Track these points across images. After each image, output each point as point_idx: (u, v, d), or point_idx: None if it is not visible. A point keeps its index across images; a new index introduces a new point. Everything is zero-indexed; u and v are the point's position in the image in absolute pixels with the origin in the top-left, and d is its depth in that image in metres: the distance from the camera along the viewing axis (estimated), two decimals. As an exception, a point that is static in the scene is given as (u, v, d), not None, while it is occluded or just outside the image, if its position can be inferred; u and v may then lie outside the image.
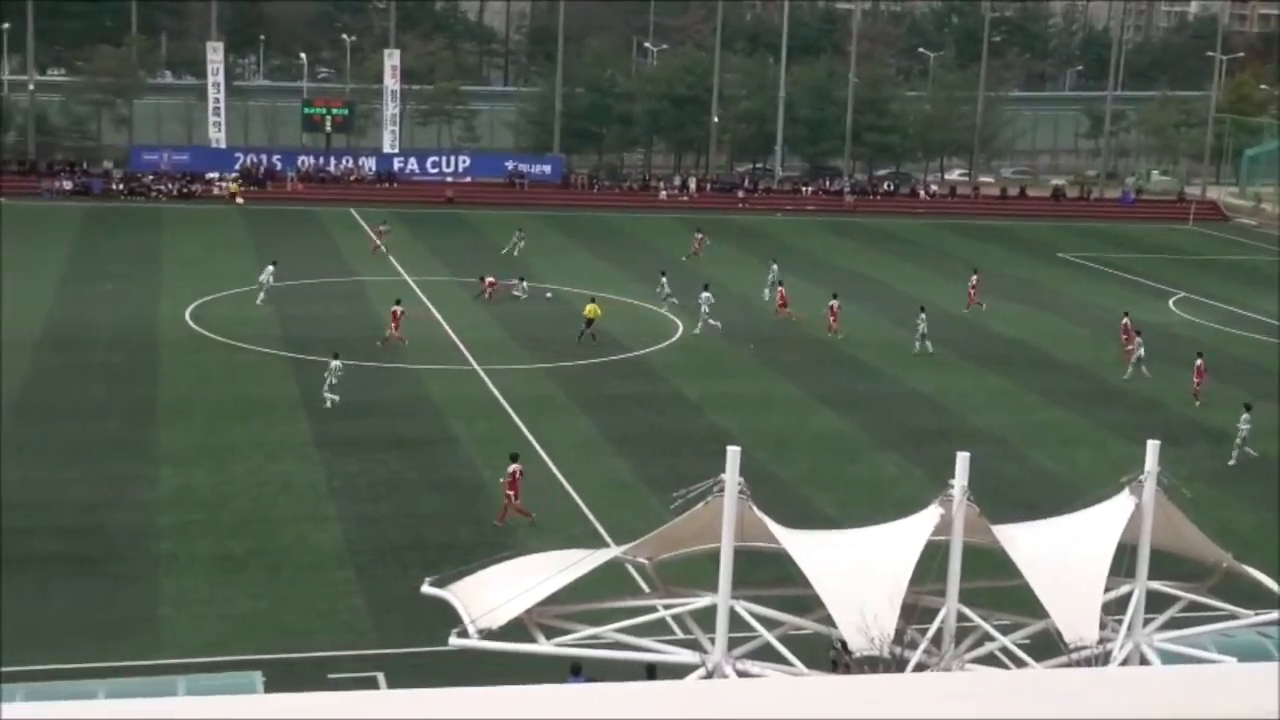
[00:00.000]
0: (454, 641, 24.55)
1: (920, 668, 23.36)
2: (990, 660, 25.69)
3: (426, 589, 26.17)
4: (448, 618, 25.16)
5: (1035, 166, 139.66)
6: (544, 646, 24.82)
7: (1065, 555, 25.37)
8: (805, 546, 25.08)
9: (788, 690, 4.49)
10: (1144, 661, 25.72)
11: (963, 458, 24.59)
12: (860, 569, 24.36)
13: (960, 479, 24.35)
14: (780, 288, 68.80)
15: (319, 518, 38.55)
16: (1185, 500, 27.54)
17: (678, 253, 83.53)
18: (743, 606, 24.70)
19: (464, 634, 24.40)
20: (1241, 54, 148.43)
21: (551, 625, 25.24)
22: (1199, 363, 54.63)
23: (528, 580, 24.82)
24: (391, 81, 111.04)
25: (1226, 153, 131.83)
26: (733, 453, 23.91)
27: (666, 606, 26.75)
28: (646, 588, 29.14)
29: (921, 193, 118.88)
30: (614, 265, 76.37)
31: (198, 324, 60.62)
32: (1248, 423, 47.07)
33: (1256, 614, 27.26)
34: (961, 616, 25.08)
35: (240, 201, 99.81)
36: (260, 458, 43.35)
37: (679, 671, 24.39)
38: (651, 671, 25.42)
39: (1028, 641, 25.99)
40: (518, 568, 26.29)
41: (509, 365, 55.97)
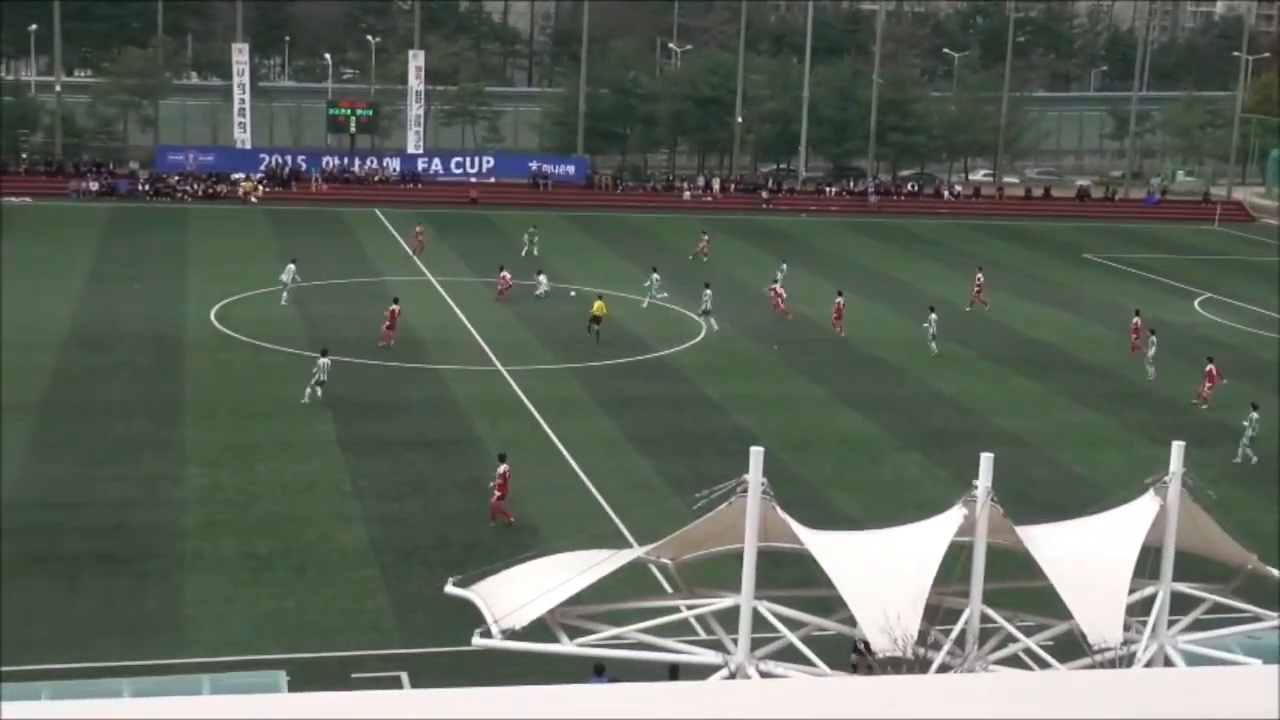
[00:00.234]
0: (477, 641, 24.56)
1: (944, 669, 23.33)
2: (1014, 661, 25.67)
3: (450, 589, 26.21)
4: (471, 618, 25.16)
5: (1060, 167, 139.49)
6: (567, 647, 24.83)
7: (1089, 556, 25.30)
8: (828, 547, 25.06)
9: (811, 691, 4.50)
10: (1168, 663, 25.65)
11: (986, 459, 24.56)
12: (883, 570, 24.34)
13: (984, 480, 24.31)
14: (774, 286, 68.80)
15: (344, 517, 38.61)
16: (1210, 501, 27.48)
17: (710, 253, 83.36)
18: (765, 607, 24.67)
19: (487, 634, 24.40)
20: (1267, 54, 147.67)
21: (575, 625, 25.24)
22: (1210, 368, 54.46)
23: (551, 580, 24.83)
24: (416, 82, 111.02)
25: (1252, 153, 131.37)
26: (756, 453, 23.89)
27: (689, 607, 26.77)
28: (669, 588, 29.15)
29: (945, 193, 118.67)
30: (637, 265, 76.29)
31: (223, 324, 60.79)
32: (1257, 423, 47.14)
33: (1282, 616, 27.18)
34: (985, 618, 25.03)
35: (255, 200, 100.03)
36: (286, 457, 43.45)
37: (702, 672, 24.39)
38: (674, 672, 25.43)
39: (1051, 643, 25.92)
40: (541, 568, 26.30)
41: (533, 366, 56.00)
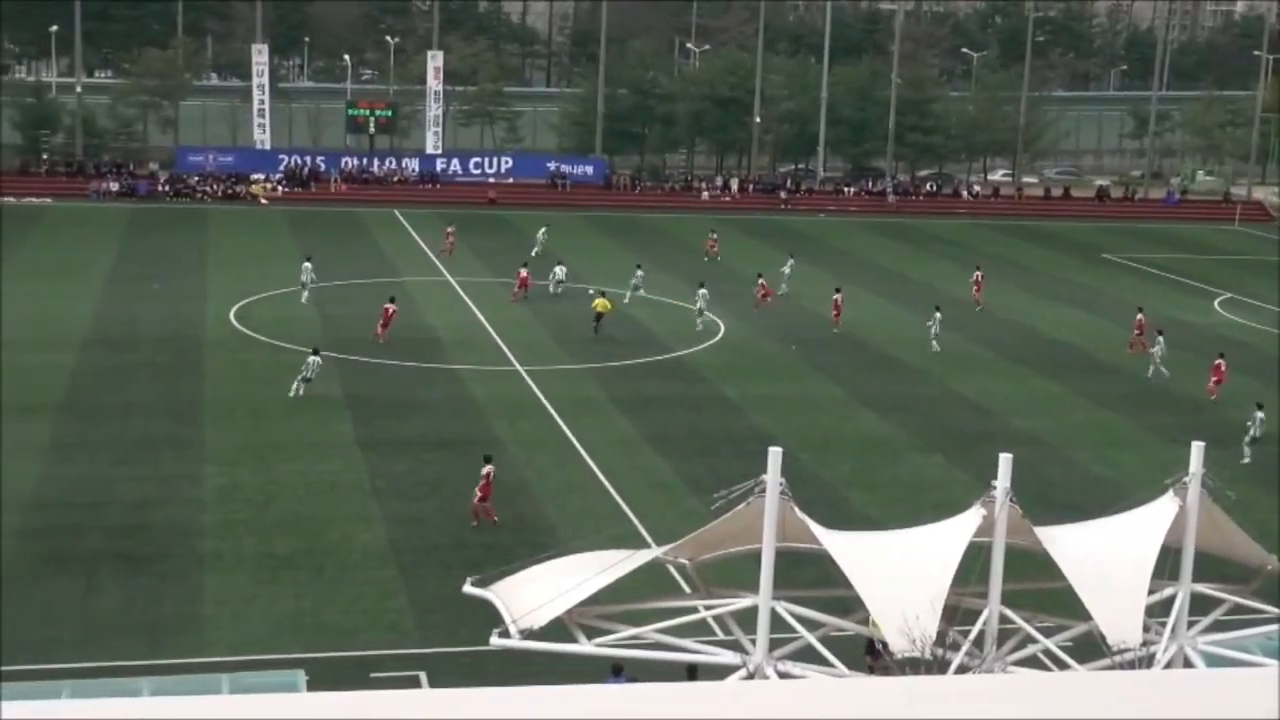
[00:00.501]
0: (495, 641, 24.58)
1: (962, 669, 23.28)
2: (1032, 662, 25.60)
3: (469, 589, 26.21)
4: (490, 618, 25.18)
5: (1079, 167, 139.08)
6: (585, 647, 24.82)
7: (1108, 557, 25.22)
8: (846, 548, 25.01)
9: (829, 691, 4.49)
10: (1188, 664, 25.56)
11: (1005, 459, 24.50)
12: (902, 571, 24.29)
13: (1003, 480, 24.24)
14: (761, 280, 69.08)
15: (363, 517, 38.70)
16: (1230, 502, 27.38)
17: (720, 253, 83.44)
18: (784, 607, 24.64)
19: (505, 634, 24.42)
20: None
21: (593, 625, 25.24)
22: (1219, 362, 54.43)
23: (569, 580, 24.83)
24: (434, 83, 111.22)
25: (1273, 153, 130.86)
26: (774, 453, 23.86)
27: (708, 607, 26.75)
28: (687, 588, 29.14)
29: (964, 193, 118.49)
30: (655, 266, 76.35)
31: (242, 324, 60.96)
32: (1262, 423, 47.12)
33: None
34: (1004, 618, 24.97)
35: (265, 201, 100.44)
36: (306, 457, 43.56)
37: (720, 672, 24.36)
38: (693, 672, 25.41)
39: (1070, 644, 25.84)
40: (559, 568, 26.29)
41: (551, 366, 56.04)
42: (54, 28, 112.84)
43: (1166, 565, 25.48)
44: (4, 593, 32.40)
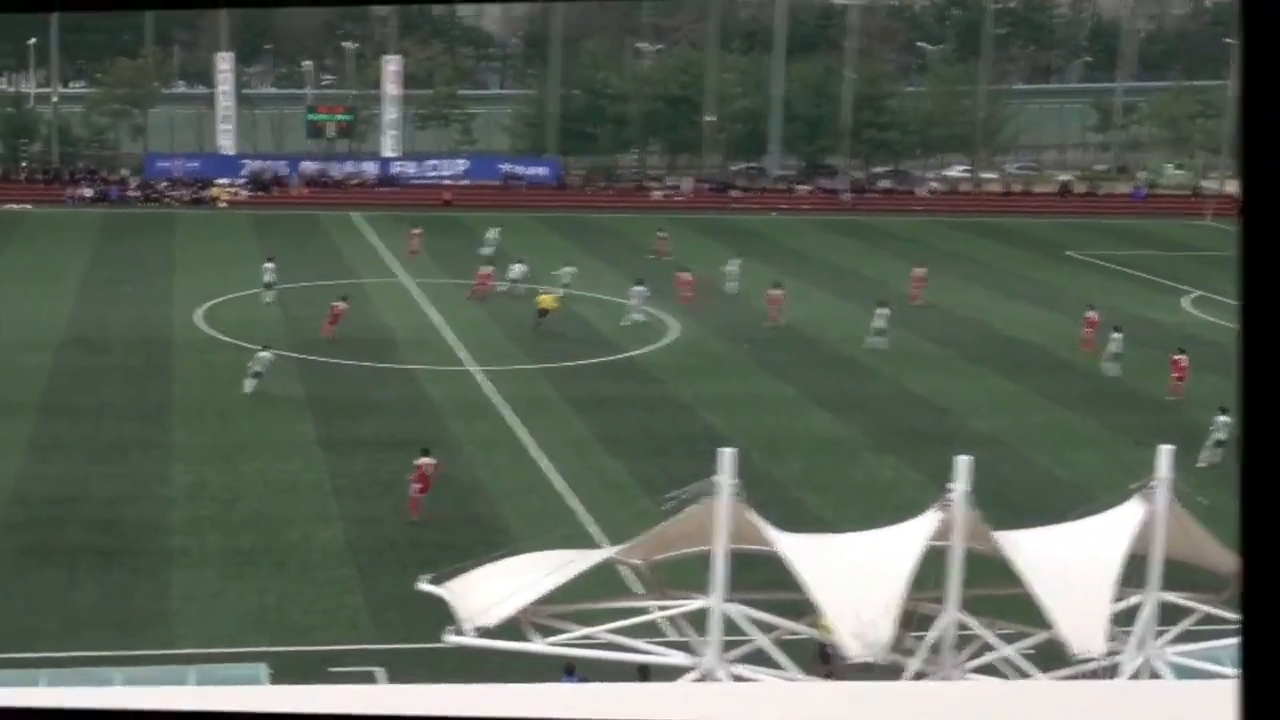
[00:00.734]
0: (449, 639, 24.54)
1: (919, 676, 23.18)
2: (992, 670, 25.27)
3: (423, 586, 26.25)
4: (444, 615, 25.29)
5: (1040, 162, 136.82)
6: (538, 645, 24.75)
7: (1071, 563, 24.83)
8: (800, 550, 24.89)
9: (781, 694, 4.33)
10: (1155, 675, 25.00)
11: (963, 461, 24.37)
12: (857, 574, 24.15)
13: (961, 483, 24.10)
14: (684, 274, 69.04)
15: (322, 516, 39.43)
16: (1200, 508, 26.97)
17: (670, 252, 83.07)
18: (736, 610, 24.51)
19: (459, 631, 24.41)
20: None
21: (546, 624, 25.16)
22: (1178, 358, 53.95)
23: (522, 579, 24.77)
24: (391, 86, 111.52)
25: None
26: (727, 454, 23.75)
27: (660, 608, 26.61)
28: (640, 589, 29.01)
29: (921, 190, 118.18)
30: (607, 265, 76.29)
31: (209, 326, 61.82)
32: (1225, 427, 45.28)
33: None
34: (962, 625, 24.75)
35: (224, 205, 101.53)
36: (268, 456, 44.35)
37: (672, 674, 24.22)
38: (645, 673, 25.28)
39: (1032, 651, 25.38)
40: (512, 567, 26.27)
41: (506, 366, 56.01)
42: (32, 40, 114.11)
43: (1133, 573, 25.15)
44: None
